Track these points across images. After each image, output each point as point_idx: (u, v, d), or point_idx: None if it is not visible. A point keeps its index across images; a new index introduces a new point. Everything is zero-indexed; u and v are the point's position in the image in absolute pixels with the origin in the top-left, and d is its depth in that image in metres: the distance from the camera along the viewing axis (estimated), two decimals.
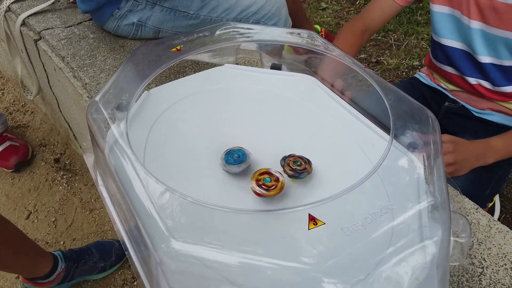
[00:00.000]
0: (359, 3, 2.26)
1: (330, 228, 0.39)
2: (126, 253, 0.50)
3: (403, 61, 1.85)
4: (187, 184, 0.48)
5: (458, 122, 0.92)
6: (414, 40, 1.97)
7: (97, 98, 0.56)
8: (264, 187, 0.44)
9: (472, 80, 0.85)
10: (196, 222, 0.42)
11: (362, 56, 1.91)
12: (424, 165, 0.51)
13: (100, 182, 0.60)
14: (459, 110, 0.93)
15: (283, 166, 0.47)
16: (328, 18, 2.15)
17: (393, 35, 2.02)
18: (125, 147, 0.48)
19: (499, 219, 1.18)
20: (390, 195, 0.45)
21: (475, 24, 0.78)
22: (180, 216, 0.42)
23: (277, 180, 0.45)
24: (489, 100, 0.87)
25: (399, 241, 0.40)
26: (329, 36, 1.68)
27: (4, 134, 1.39)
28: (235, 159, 0.47)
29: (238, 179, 0.47)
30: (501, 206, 1.21)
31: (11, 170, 1.36)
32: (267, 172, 0.46)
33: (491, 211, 1.14)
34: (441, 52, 0.89)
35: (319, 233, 0.39)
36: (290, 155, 0.49)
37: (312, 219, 0.39)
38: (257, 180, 0.45)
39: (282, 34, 0.68)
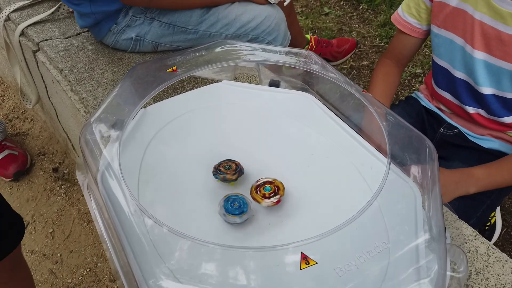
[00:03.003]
0: (362, 8, 2.25)
1: (322, 268, 0.38)
2: (117, 282, 0.49)
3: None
4: (180, 211, 0.47)
5: (450, 149, 0.91)
6: None
7: (92, 120, 0.56)
8: (269, 195, 0.45)
9: (471, 109, 0.84)
10: (188, 258, 0.41)
11: (365, 63, 1.90)
12: (422, 194, 0.50)
13: (93, 205, 0.59)
14: (454, 138, 0.92)
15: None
16: (331, 24, 2.14)
17: None
18: (117, 176, 0.47)
19: (500, 234, 1.17)
20: (388, 228, 0.45)
21: (479, 55, 0.76)
22: (171, 251, 0.42)
23: (271, 182, 0.47)
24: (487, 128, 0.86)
25: (394, 281, 0.39)
26: (320, 41, 1.67)
27: (3, 143, 1.39)
28: (236, 207, 0.44)
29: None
30: (503, 220, 1.20)
31: (10, 179, 1.35)
32: (263, 183, 0.47)
33: (493, 226, 1.13)
34: (441, 75, 0.87)
35: (311, 273, 0.38)
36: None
37: (304, 258, 0.38)
38: (264, 196, 0.45)
39: (280, 55, 0.68)
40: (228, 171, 0.48)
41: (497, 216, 1.15)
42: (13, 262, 0.77)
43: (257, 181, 0.48)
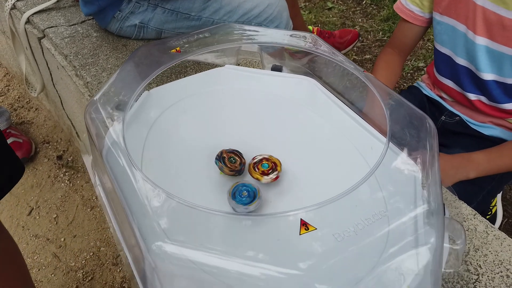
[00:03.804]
0: (365, 3, 2.25)
1: (321, 234, 0.39)
2: (120, 253, 0.50)
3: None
4: (183, 186, 0.48)
5: (451, 137, 0.92)
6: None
7: (96, 98, 0.57)
8: (267, 172, 0.45)
9: (472, 96, 0.85)
10: (190, 225, 0.42)
11: (367, 56, 1.90)
12: (421, 170, 0.51)
13: (97, 182, 0.60)
14: (455, 126, 0.92)
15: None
16: (334, 18, 2.14)
17: None
18: (122, 150, 0.48)
19: (501, 224, 1.17)
20: (386, 200, 0.45)
21: (481, 41, 0.76)
22: (174, 219, 0.42)
23: (267, 159, 0.47)
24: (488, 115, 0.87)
25: (392, 247, 0.40)
26: (323, 32, 1.68)
27: (8, 131, 1.40)
28: (246, 196, 0.43)
29: (235, 181, 0.47)
30: (504, 210, 1.20)
31: None
32: (259, 161, 0.47)
33: (494, 216, 1.14)
34: (443, 63, 0.88)
35: (310, 238, 0.39)
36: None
37: (304, 224, 0.39)
38: (263, 173, 0.46)
39: (285, 37, 0.68)
40: (230, 164, 0.47)
41: (498, 206, 1.16)
42: None
43: (253, 159, 0.48)
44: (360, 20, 2.12)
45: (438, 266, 0.42)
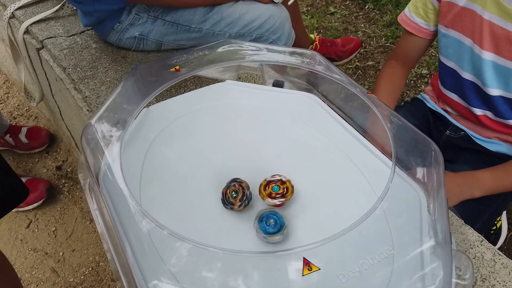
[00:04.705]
0: (368, 7, 2.23)
1: (325, 275, 0.37)
2: (117, 282, 0.49)
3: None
4: (182, 215, 0.47)
5: (456, 152, 0.90)
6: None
7: (92, 121, 0.55)
8: (275, 196, 0.45)
9: (478, 111, 0.83)
10: (189, 262, 0.40)
11: (370, 63, 1.88)
12: (427, 197, 0.49)
13: (94, 205, 0.59)
14: (460, 141, 0.90)
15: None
16: (336, 23, 2.13)
17: None
18: (119, 177, 0.47)
19: (506, 238, 1.16)
20: (392, 233, 0.44)
21: (488, 55, 0.74)
22: (172, 256, 0.41)
23: (283, 182, 0.46)
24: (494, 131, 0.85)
25: None
26: (325, 41, 1.66)
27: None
28: (272, 225, 0.41)
29: (235, 214, 0.46)
30: (509, 223, 1.19)
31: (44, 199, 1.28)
32: (270, 182, 0.46)
33: (498, 230, 1.12)
34: (448, 76, 0.86)
35: (313, 279, 0.37)
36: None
37: (307, 264, 0.38)
38: (269, 194, 0.45)
39: (285, 56, 0.67)
40: (234, 200, 0.45)
41: (503, 220, 1.14)
42: None
43: (272, 176, 0.47)
44: (362, 25, 2.10)
45: None
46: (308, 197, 0.48)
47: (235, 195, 0.44)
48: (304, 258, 0.38)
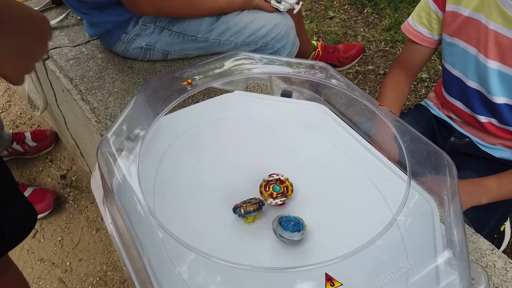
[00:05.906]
0: (366, 12, 2.24)
1: None
2: None
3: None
4: (196, 226, 0.47)
5: (461, 158, 0.91)
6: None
7: (108, 135, 0.56)
8: (276, 196, 0.47)
9: (483, 118, 0.84)
10: (204, 274, 0.41)
11: (370, 67, 1.90)
12: (441, 209, 0.50)
13: (109, 219, 0.59)
14: (465, 148, 0.91)
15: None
16: (335, 28, 2.14)
17: (402, 46, 2.00)
18: (134, 189, 0.47)
19: (509, 242, 1.17)
20: (406, 245, 0.44)
21: (493, 64, 0.75)
22: (187, 267, 0.42)
23: (282, 182, 0.48)
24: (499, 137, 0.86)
25: None
26: (327, 47, 1.67)
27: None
28: (292, 225, 0.44)
29: (248, 224, 0.47)
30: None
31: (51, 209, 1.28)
32: (274, 181, 0.48)
33: (502, 234, 1.13)
34: (453, 84, 0.87)
35: None
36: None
37: (329, 279, 0.38)
38: (271, 195, 0.47)
39: (295, 67, 0.67)
40: (250, 206, 0.47)
41: (506, 224, 1.15)
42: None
43: (270, 176, 0.49)
44: (361, 29, 2.11)
45: None
46: (321, 209, 0.49)
47: (246, 212, 0.46)
48: (326, 273, 0.39)
